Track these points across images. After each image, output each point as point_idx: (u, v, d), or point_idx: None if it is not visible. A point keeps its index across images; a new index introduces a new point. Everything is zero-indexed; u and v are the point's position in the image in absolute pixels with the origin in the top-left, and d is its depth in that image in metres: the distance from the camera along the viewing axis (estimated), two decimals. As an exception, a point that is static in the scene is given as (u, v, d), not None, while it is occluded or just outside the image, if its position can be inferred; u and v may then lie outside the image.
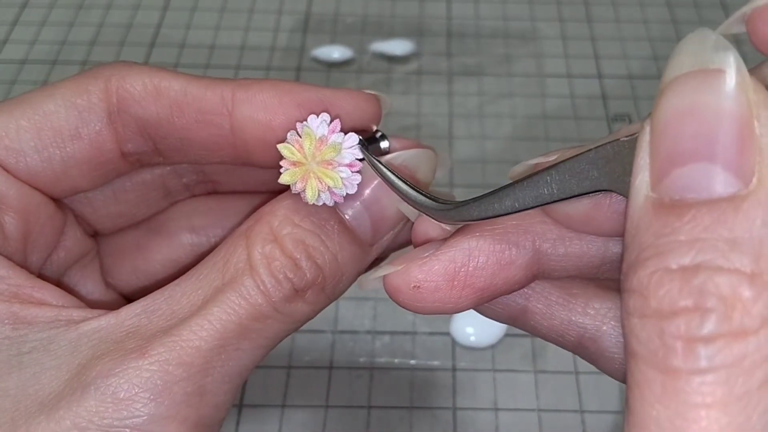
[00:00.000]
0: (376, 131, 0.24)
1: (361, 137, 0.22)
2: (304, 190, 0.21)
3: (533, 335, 0.22)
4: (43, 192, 0.23)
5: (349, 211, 0.22)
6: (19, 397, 0.19)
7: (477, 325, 0.43)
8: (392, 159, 0.23)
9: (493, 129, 0.53)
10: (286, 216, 0.22)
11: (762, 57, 0.20)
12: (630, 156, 0.16)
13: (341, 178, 0.21)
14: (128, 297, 0.27)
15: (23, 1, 0.61)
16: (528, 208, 0.19)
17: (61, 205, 0.24)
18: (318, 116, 0.22)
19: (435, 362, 0.42)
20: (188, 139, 0.23)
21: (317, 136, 0.21)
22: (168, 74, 0.23)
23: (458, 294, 0.20)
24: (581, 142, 0.20)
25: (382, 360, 0.42)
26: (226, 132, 0.22)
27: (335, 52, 0.57)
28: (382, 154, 0.24)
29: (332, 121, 0.22)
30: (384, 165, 0.22)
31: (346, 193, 0.22)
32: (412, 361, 0.42)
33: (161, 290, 0.21)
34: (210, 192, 0.28)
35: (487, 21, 0.61)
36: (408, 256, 0.20)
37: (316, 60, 0.57)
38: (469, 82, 0.56)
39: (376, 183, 0.22)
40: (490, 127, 0.54)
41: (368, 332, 0.43)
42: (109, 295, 0.27)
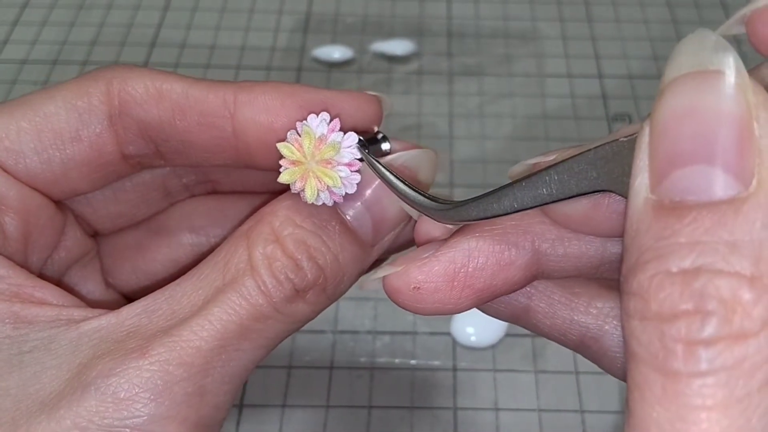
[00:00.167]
0: (377, 132, 0.24)
1: (360, 137, 0.22)
2: (303, 189, 0.21)
3: (535, 333, 0.22)
4: (43, 193, 0.23)
5: (350, 212, 0.22)
6: (20, 397, 0.19)
7: (477, 325, 0.43)
8: (393, 160, 0.23)
9: (494, 129, 0.53)
10: (288, 216, 0.22)
11: (761, 58, 0.20)
12: (629, 156, 0.16)
13: (340, 177, 0.21)
14: (128, 297, 0.27)
15: (24, 1, 0.61)
16: (527, 208, 0.19)
17: (61, 205, 0.24)
18: (318, 115, 0.22)
19: (435, 362, 0.42)
20: (190, 142, 0.23)
21: (316, 135, 0.21)
22: (170, 77, 0.23)
23: (458, 295, 0.20)
24: (581, 142, 0.20)
25: (382, 360, 0.42)
26: (228, 134, 0.22)
27: (336, 52, 0.57)
28: (383, 155, 0.24)
29: (332, 120, 0.22)
30: (382, 165, 0.22)
31: (346, 193, 0.22)
32: (412, 361, 0.42)
33: (162, 290, 0.21)
34: (210, 192, 0.28)
35: (488, 21, 0.61)
36: (407, 257, 0.20)
37: (316, 60, 0.57)
38: (470, 82, 0.56)
39: (377, 183, 0.22)
40: (490, 127, 0.54)
41: (369, 332, 0.43)
42: (109, 294, 0.27)
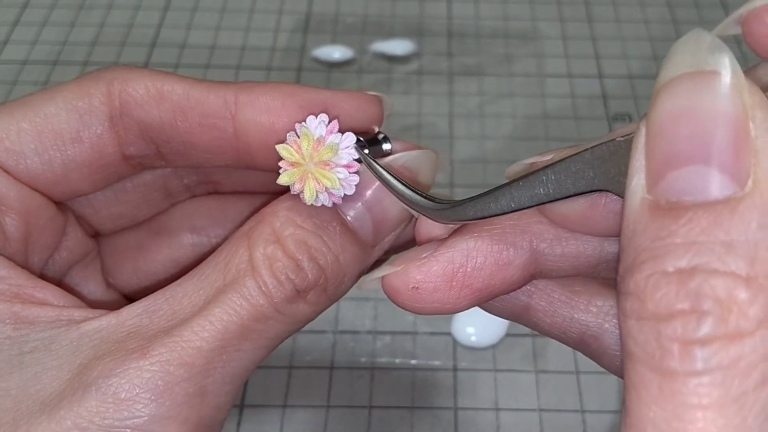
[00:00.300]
0: (378, 133, 0.24)
1: (360, 137, 0.22)
2: (302, 191, 0.21)
3: (535, 332, 0.22)
4: (43, 194, 0.23)
5: (351, 212, 0.22)
6: (21, 397, 0.19)
7: (478, 325, 0.43)
8: (393, 161, 0.23)
9: (494, 129, 0.53)
10: (288, 217, 0.22)
11: (758, 59, 0.20)
12: (626, 156, 0.16)
13: (338, 179, 0.21)
14: (129, 297, 0.27)
15: (24, 2, 0.61)
16: (524, 208, 0.19)
17: (62, 206, 0.24)
18: (317, 117, 0.22)
19: (436, 362, 0.42)
20: (191, 143, 0.23)
21: (315, 137, 0.21)
22: (170, 78, 0.23)
23: (456, 294, 0.20)
24: (581, 142, 0.20)
25: (383, 360, 0.42)
26: (229, 135, 0.22)
27: (336, 53, 0.57)
28: (384, 155, 0.24)
29: (330, 121, 0.22)
30: (380, 165, 0.22)
31: (344, 194, 0.21)
32: (413, 361, 0.42)
33: (162, 290, 0.21)
34: (211, 192, 0.28)
35: (488, 21, 0.61)
36: (406, 257, 0.20)
37: (316, 60, 0.57)
38: (470, 82, 0.56)
39: (377, 184, 0.22)
40: (490, 127, 0.54)
41: (369, 332, 0.43)
42: (110, 295, 0.27)
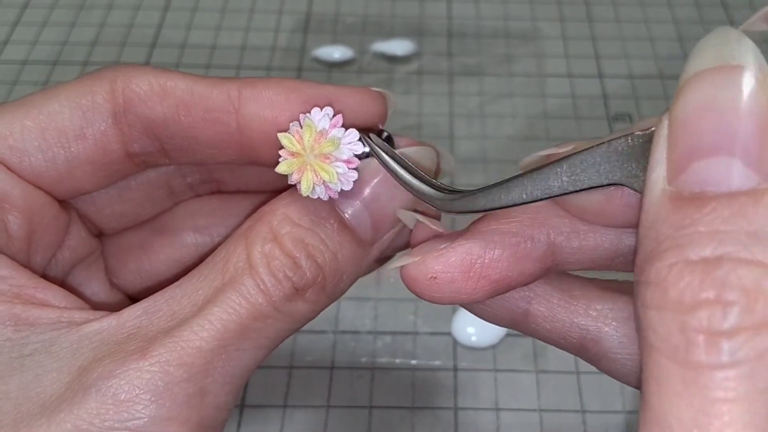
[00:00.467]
0: (382, 131, 0.24)
1: (362, 133, 0.22)
2: (299, 181, 0.21)
3: (536, 338, 0.22)
4: (47, 192, 0.23)
5: (349, 210, 0.22)
6: (21, 400, 0.19)
7: (478, 325, 0.42)
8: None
9: (494, 129, 0.53)
10: (286, 215, 0.22)
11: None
12: (643, 150, 0.16)
13: (337, 173, 0.21)
14: (133, 297, 0.27)
15: (24, 2, 0.61)
16: (537, 200, 0.18)
17: (66, 204, 0.24)
18: (322, 109, 0.22)
19: (436, 362, 0.42)
20: (195, 138, 0.23)
21: (318, 129, 0.21)
22: (173, 74, 0.23)
23: (473, 285, 0.20)
24: (593, 138, 0.20)
25: (383, 360, 0.42)
26: (232, 130, 0.22)
27: (336, 52, 0.57)
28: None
29: (335, 115, 0.22)
30: (388, 153, 0.21)
31: (341, 189, 0.21)
32: (413, 361, 0.42)
33: (162, 291, 0.21)
34: (214, 191, 0.28)
35: (488, 21, 0.61)
36: (424, 248, 0.20)
37: (316, 60, 0.57)
38: (470, 82, 0.56)
39: (376, 182, 0.22)
40: (490, 127, 0.54)
41: (369, 332, 0.43)
42: (113, 295, 0.27)
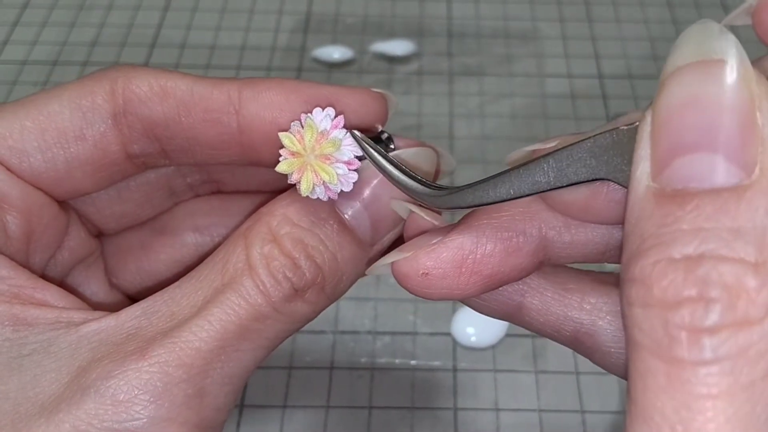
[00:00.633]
0: (382, 132, 0.24)
1: (360, 133, 0.22)
2: (299, 181, 0.21)
3: (529, 330, 0.22)
4: (46, 193, 0.23)
5: (348, 211, 0.22)
6: (19, 400, 0.19)
7: (478, 325, 0.43)
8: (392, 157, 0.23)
9: (494, 129, 0.53)
10: (285, 216, 0.22)
11: (765, 49, 0.19)
12: (628, 145, 0.16)
13: (337, 174, 0.21)
14: (133, 297, 0.27)
15: (24, 2, 0.61)
16: (524, 196, 0.18)
17: (65, 205, 0.24)
18: (323, 110, 0.22)
19: (436, 362, 0.42)
20: (195, 139, 0.23)
21: (319, 130, 0.21)
22: (173, 75, 0.23)
23: (466, 281, 0.20)
24: (582, 131, 0.20)
25: (382, 360, 0.42)
26: (233, 130, 0.22)
27: (336, 53, 0.57)
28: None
29: (336, 116, 0.22)
30: (378, 151, 0.21)
31: (341, 190, 0.21)
32: (412, 362, 0.42)
33: (161, 292, 0.21)
34: (214, 192, 0.28)
35: (488, 21, 0.61)
36: (416, 243, 0.20)
37: (316, 60, 0.57)
38: (470, 82, 0.56)
39: (375, 182, 0.22)
40: (490, 127, 0.54)
41: (369, 333, 0.43)
42: (113, 295, 0.27)
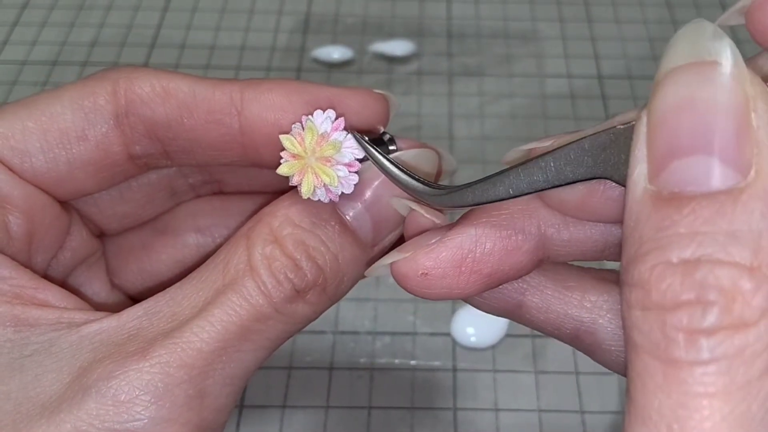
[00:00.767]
0: (384, 133, 0.24)
1: (359, 133, 0.22)
2: (300, 183, 0.21)
3: (532, 329, 0.22)
4: (48, 193, 0.23)
5: (350, 212, 0.22)
6: (21, 400, 0.19)
7: (477, 325, 0.43)
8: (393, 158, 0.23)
9: (494, 129, 0.53)
10: (287, 217, 0.22)
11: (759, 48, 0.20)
12: (626, 145, 0.16)
13: (338, 176, 0.21)
14: (134, 298, 0.27)
15: (23, 2, 0.61)
16: (522, 195, 0.19)
17: (67, 205, 0.24)
18: (324, 112, 0.22)
19: (436, 363, 0.42)
20: (197, 140, 0.23)
21: (319, 132, 0.21)
22: (176, 76, 0.23)
23: (465, 280, 0.20)
24: (580, 129, 0.20)
25: (382, 360, 0.42)
26: (235, 132, 0.22)
27: (335, 53, 0.57)
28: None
29: (337, 118, 0.22)
30: (378, 151, 0.21)
31: (342, 192, 0.22)
32: (412, 362, 0.42)
33: (163, 292, 0.21)
34: (215, 192, 0.28)
35: (488, 21, 0.61)
36: (415, 243, 0.20)
37: (316, 60, 0.57)
38: (470, 83, 0.56)
39: (377, 184, 0.22)
40: (490, 127, 0.54)
41: (369, 333, 0.43)
42: (114, 295, 0.27)
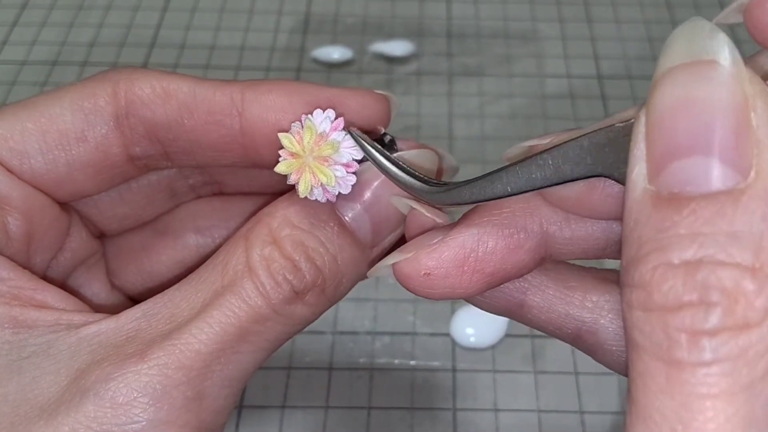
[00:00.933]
0: (385, 134, 0.24)
1: (357, 131, 0.22)
2: (297, 182, 0.21)
3: (533, 329, 0.22)
4: (47, 194, 0.23)
5: (349, 213, 0.22)
6: (19, 402, 0.19)
7: (477, 325, 0.43)
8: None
9: (494, 129, 0.53)
10: (286, 218, 0.22)
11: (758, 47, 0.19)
12: (625, 143, 0.16)
13: (335, 176, 0.21)
14: (134, 299, 0.27)
15: (23, 2, 0.61)
16: (521, 192, 0.19)
17: (67, 206, 0.24)
18: (324, 112, 0.22)
19: (435, 363, 0.42)
20: (197, 141, 0.23)
21: (318, 131, 0.21)
22: (176, 77, 0.23)
23: (468, 279, 0.20)
24: (579, 127, 0.20)
25: (382, 361, 0.42)
26: (235, 133, 0.22)
27: (335, 53, 0.57)
28: None
29: (336, 118, 0.22)
30: (375, 148, 0.21)
31: (339, 192, 0.21)
32: (412, 362, 0.42)
33: (162, 294, 0.21)
34: (215, 193, 0.28)
35: (487, 21, 0.61)
36: (417, 243, 0.20)
37: (316, 61, 0.57)
38: (470, 83, 0.56)
39: (376, 184, 0.22)
40: (490, 127, 0.54)
41: (368, 333, 0.43)
42: (114, 296, 0.26)
